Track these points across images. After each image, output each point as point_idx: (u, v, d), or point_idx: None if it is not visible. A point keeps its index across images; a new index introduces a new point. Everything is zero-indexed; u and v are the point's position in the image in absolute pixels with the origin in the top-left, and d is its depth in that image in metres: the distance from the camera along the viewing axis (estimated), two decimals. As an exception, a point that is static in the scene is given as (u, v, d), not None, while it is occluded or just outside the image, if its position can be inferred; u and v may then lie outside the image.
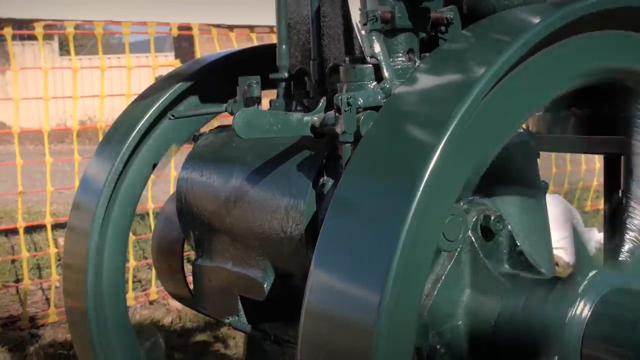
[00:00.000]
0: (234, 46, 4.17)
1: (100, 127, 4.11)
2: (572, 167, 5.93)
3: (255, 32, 4.56)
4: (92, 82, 7.17)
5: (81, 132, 5.51)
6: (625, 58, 1.27)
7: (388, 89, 1.23)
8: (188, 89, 1.83)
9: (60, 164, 4.86)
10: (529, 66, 1.16)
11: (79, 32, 4.28)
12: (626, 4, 1.21)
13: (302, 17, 1.57)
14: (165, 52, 16.87)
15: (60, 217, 4.91)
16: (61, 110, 14.81)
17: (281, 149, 1.43)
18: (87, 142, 10.11)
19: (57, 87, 12.33)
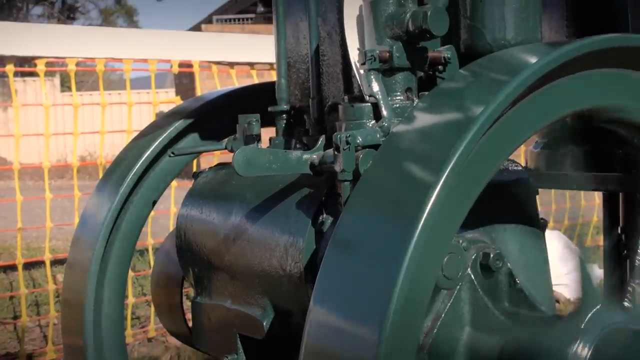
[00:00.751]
0: (235, 83, 4.20)
1: (100, 163, 4.12)
2: (571, 203, 5.94)
3: (256, 69, 4.60)
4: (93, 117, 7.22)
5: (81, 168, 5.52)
6: (623, 97, 1.28)
7: (387, 127, 1.24)
8: (188, 127, 1.84)
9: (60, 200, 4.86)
10: (526, 105, 1.17)
11: (80, 69, 4.31)
12: (621, 43, 1.22)
13: (302, 55, 1.59)
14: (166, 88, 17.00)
15: (60, 253, 4.90)
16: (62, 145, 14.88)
17: (280, 187, 1.43)
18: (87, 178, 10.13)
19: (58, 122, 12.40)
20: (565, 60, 1.16)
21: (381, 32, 1.31)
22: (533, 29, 1.39)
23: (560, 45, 1.19)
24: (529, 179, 1.49)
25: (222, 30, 13.53)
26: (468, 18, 1.39)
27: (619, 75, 1.26)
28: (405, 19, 1.27)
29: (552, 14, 2.06)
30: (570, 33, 2.03)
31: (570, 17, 2.03)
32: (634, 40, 1.24)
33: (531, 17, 1.39)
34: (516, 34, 1.37)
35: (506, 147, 1.17)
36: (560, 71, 1.18)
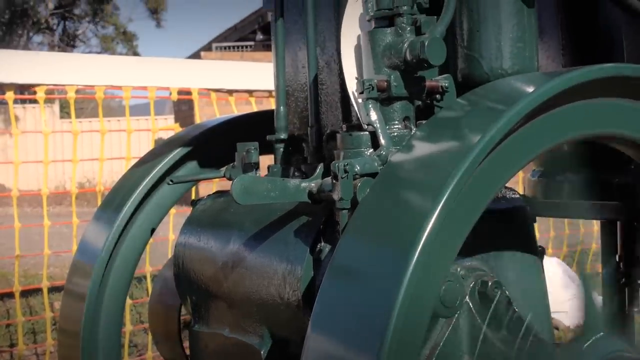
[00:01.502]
0: (234, 110, 4.21)
1: (99, 190, 4.12)
2: (570, 230, 5.93)
3: (255, 96, 4.62)
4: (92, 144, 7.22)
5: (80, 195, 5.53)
6: (619, 125, 1.29)
7: (384, 156, 1.25)
8: (187, 154, 1.85)
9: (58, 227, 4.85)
10: (522, 134, 1.18)
11: (80, 96, 4.33)
12: (616, 73, 1.23)
13: (300, 84, 1.60)
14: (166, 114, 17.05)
15: (58, 280, 4.88)
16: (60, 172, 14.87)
17: (279, 215, 1.44)
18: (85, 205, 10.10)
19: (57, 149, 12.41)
20: (561, 89, 1.17)
21: (379, 61, 1.32)
22: (529, 59, 1.41)
23: (556, 75, 1.20)
24: (526, 207, 1.49)
25: (222, 57, 13.61)
26: (465, 47, 1.40)
27: (614, 104, 1.27)
28: (403, 48, 1.29)
29: (549, 43, 2.07)
30: (567, 62, 2.04)
31: (567, 46, 2.04)
32: (628, 70, 1.25)
33: (527, 46, 1.40)
34: (513, 64, 1.39)
35: (502, 175, 1.18)
36: (556, 100, 1.19)
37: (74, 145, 4.05)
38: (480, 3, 1.38)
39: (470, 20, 1.39)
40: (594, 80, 1.20)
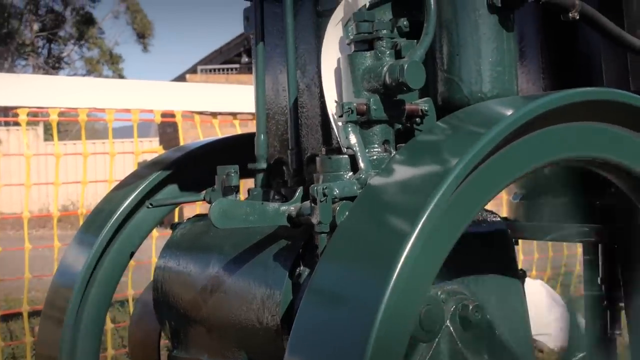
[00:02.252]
0: (218, 132, 4.21)
1: (81, 213, 4.10)
2: (554, 252, 5.95)
3: (239, 118, 4.62)
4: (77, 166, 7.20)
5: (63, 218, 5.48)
6: (597, 149, 1.30)
7: (364, 179, 1.24)
8: (168, 177, 1.84)
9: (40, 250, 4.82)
10: (501, 156, 1.18)
11: (63, 119, 4.32)
12: (594, 97, 1.24)
13: (281, 107, 1.60)
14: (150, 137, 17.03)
15: (39, 304, 4.83)
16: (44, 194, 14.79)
17: (258, 238, 1.43)
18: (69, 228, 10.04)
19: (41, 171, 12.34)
20: (539, 113, 1.17)
21: (359, 84, 1.32)
22: (509, 82, 1.41)
23: (535, 99, 1.20)
24: (506, 230, 1.49)
25: (207, 80, 13.64)
26: (445, 71, 1.40)
27: (593, 128, 1.27)
28: (383, 72, 1.29)
29: (530, 67, 2.09)
30: (547, 85, 2.06)
31: (547, 69, 2.06)
32: (606, 94, 1.26)
33: (507, 70, 1.41)
34: (492, 87, 1.39)
35: (481, 198, 1.18)
36: (534, 123, 1.19)
37: (57, 168, 4.03)
38: (460, 27, 1.38)
39: (449, 44, 1.39)
40: (572, 104, 1.21)
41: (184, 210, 5.84)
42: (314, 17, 1.50)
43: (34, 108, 3.94)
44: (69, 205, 14.61)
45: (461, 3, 1.38)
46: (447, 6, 1.39)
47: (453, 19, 1.39)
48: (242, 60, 16.68)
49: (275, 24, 1.60)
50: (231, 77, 13.99)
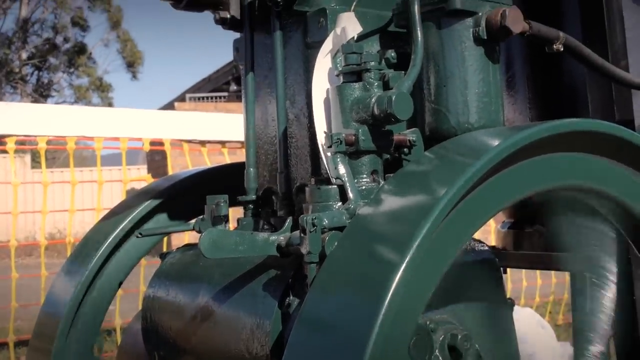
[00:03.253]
0: (206, 160, 4.22)
1: (69, 241, 4.08)
2: (542, 280, 5.96)
3: (227, 147, 4.63)
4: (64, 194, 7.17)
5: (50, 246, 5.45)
6: (583, 178, 1.31)
7: (353, 209, 1.25)
8: (157, 206, 1.84)
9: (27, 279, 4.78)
10: (489, 186, 1.20)
11: (51, 147, 4.32)
12: (579, 128, 1.26)
13: (270, 137, 1.61)
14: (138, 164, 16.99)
15: (25, 334, 4.78)
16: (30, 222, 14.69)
17: (248, 268, 1.43)
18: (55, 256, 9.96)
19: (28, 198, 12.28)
20: (525, 143, 1.19)
21: (347, 115, 1.33)
22: (495, 113, 1.43)
23: (521, 130, 1.22)
24: (494, 259, 1.50)
25: (195, 108, 13.67)
26: (432, 102, 1.42)
27: (578, 158, 1.29)
28: (371, 103, 1.30)
29: (517, 97, 2.12)
30: (534, 115, 2.08)
31: (534, 99, 2.09)
32: (591, 125, 1.28)
33: (493, 101, 1.42)
34: (479, 118, 1.41)
35: (469, 228, 1.19)
36: (521, 154, 1.21)
37: (44, 197, 4.02)
38: (447, 59, 1.40)
39: (437, 76, 1.41)
40: (557, 134, 1.22)
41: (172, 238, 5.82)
42: (303, 48, 1.52)
43: (22, 136, 3.94)
44: (55, 233, 14.52)
45: (448, 35, 1.40)
46: (434, 38, 1.41)
47: (440, 51, 1.41)
48: (230, 89, 16.73)
49: (265, 55, 1.62)
50: (220, 105, 14.02)
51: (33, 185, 13.46)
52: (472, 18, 1.40)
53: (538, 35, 1.48)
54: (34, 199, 12.69)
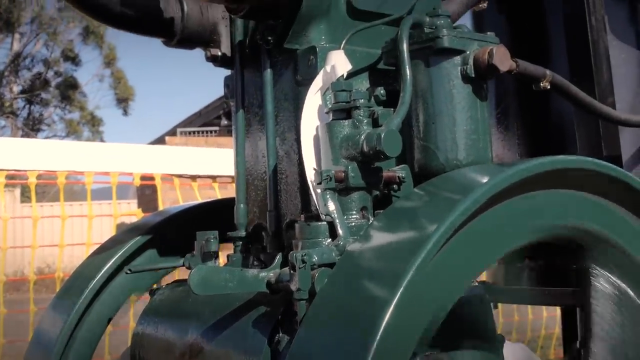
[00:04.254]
0: (197, 194, 4.21)
1: (58, 276, 4.06)
2: (533, 315, 5.94)
3: (218, 181, 4.63)
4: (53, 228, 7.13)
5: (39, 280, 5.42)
6: (571, 216, 1.32)
7: (342, 246, 1.25)
8: (147, 242, 1.84)
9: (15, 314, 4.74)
10: (479, 223, 1.20)
11: (42, 181, 4.31)
12: (566, 165, 1.27)
13: (260, 174, 1.62)
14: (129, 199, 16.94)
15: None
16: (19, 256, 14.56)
17: (237, 304, 1.43)
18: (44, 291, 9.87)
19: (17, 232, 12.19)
20: (514, 181, 1.20)
21: (337, 152, 1.34)
22: (483, 150, 1.44)
23: (509, 167, 1.23)
24: (485, 295, 1.50)
25: (186, 142, 13.69)
26: (421, 139, 1.43)
27: (567, 195, 1.30)
28: (360, 140, 1.31)
29: (506, 133, 2.14)
30: (523, 151, 2.10)
31: (522, 136, 2.11)
32: (578, 163, 1.29)
33: (481, 138, 1.44)
34: (467, 155, 1.42)
35: (460, 264, 1.19)
36: (509, 190, 1.22)
37: (34, 232, 4.00)
38: (435, 96, 1.42)
39: (425, 113, 1.42)
40: (544, 172, 1.23)
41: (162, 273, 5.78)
42: (293, 85, 1.53)
43: (12, 171, 3.93)
44: (44, 268, 14.41)
45: (436, 73, 1.42)
46: (422, 76, 1.43)
47: (428, 88, 1.42)
48: (221, 123, 16.79)
49: (256, 92, 1.63)
50: (210, 140, 14.05)
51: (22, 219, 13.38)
52: (460, 56, 1.42)
53: (525, 73, 1.50)
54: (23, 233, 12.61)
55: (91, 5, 1.50)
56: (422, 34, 1.42)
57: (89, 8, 1.51)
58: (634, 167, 1.89)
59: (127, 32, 1.59)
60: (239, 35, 1.65)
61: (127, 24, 1.56)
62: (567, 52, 1.93)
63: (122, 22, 1.55)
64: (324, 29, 1.51)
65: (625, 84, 1.91)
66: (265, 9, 1.47)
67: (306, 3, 1.47)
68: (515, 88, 2.08)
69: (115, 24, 1.56)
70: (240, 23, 1.64)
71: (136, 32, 1.60)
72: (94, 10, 1.52)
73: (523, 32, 2.08)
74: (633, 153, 1.89)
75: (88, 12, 1.53)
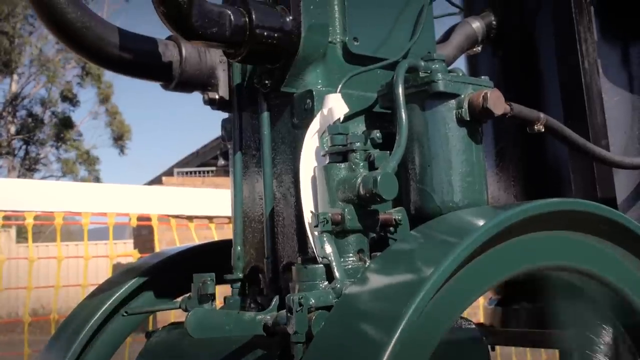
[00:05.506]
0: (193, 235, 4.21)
1: (53, 318, 4.03)
2: (532, 357, 5.90)
3: (215, 222, 4.63)
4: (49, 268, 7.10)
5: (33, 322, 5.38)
6: (568, 258, 1.33)
7: (339, 289, 1.26)
8: (144, 284, 1.83)
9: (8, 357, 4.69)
10: (476, 265, 1.21)
11: (38, 222, 4.30)
12: (561, 208, 1.28)
13: (257, 216, 1.63)
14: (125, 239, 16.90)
15: (4, 414, 4.67)
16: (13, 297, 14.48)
17: (234, 347, 1.42)
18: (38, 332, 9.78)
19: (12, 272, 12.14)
20: (509, 224, 1.21)
21: (334, 195, 1.35)
22: (479, 192, 1.45)
23: (505, 210, 1.24)
24: (482, 337, 1.50)
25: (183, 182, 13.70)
26: (417, 182, 1.44)
27: (563, 237, 1.31)
28: (357, 183, 1.32)
29: (501, 175, 2.15)
30: (518, 193, 2.11)
31: (518, 177, 2.12)
32: (573, 205, 1.30)
33: (477, 180, 1.45)
34: (463, 197, 1.43)
35: (457, 307, 1.19)
36: (506, 233, 1.22)
37: (29, 273, 3.99)
38: (431, 139, 1.43)
39: (421, 156, 1.44)
40: (539, 214, 1.24)
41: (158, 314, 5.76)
42: (290, 128, 1.54)
43: (8, 212, 3.93)
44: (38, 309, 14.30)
45: (431, 117, 1.43)
46: (418, 119, 1.44)
47: (424, 131, 1.44)
48: (218, 163, 16.83)
49: (253, 135, 1.65)
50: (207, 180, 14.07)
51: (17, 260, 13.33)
52: (455, 100, 1.43)
53: (519, 116, 1.51)
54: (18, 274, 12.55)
55: (89, 48, 1.52)
56: (417, 77, 1.44)
57: (87, 51, 1.53)
58: (628, 209, 1.90)
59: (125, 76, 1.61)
60: (236, 78, 1.67)
61: (125, 68, 1.58)
62: (560, 95, 1.95)
63: (120, 65, 1.57)
64: (320, 73, 1.53)
65: (618, 126, 1.93)
66: (262, 54, 1.49)
67: (303, 48, 1.49)
68: (511, 129, 2.10)
69: (113, 67, 1.58)
70: (238, 67, 1.66)
71: (134, 75, 1.62)
72: (92, 53, 1.53)
73: (517, 75, 2.10)
74: (627, 195, 1.91)
75: (86, 55, 1.54)
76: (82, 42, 1.50)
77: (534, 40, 2.07)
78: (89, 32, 1.49)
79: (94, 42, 1.50)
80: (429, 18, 1.70)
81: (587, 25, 1.92)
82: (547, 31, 2.01)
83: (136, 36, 1.60)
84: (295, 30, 1.48)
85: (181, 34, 1.42)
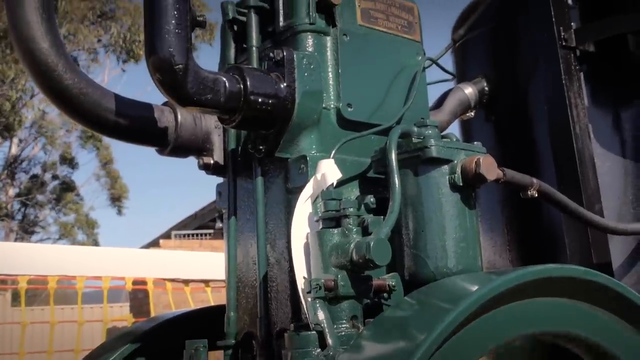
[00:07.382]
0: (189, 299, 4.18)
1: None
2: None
3: (211, 285, 4.60)
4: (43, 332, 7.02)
5: (25, 388, 5.30)
6: (561, 324, 1.32)
7: (332, 356, 1.24)
8: (137, 349, 1.81)
9: None
10: (469, 332, 1.20)
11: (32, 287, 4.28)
12: (555, 274, 1.27)
13: (251, 281, 1.62)
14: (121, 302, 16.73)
15: None
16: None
17: (226, 416, 1.40)
18: (30, 398, 9.61)
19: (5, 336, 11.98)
20: (502, 290, 1.20)
21: (327, 261, 1.34)
22: (473, 257, 1.45)
23: (498, 276, 1.24)
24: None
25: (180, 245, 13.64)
26: (411, 247, 1.44)
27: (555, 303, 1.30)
28: (350, 249, 1.32)
29: (496, 240, 2.15)
30: (513, 257, 2.10)
31: (512, 242, 2.12)
32: (567, 271, 1.30)
33: (470, 246, 1.44)
34: (457, 262, 1.42)
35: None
36: (499, 299, 1.22)
37: (22, 337, 3.95)
38: (424, 205, 1.43)
39: (415, 221, 1.44)
40: (533, 280, 1.24)
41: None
42: (284, 193, 1.55)
43: (2, 276, 3.91)
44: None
45: (425, 182, 1.44)
46: (411, 185, 1.45)
47: (417, 197, 1.44)
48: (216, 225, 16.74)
49: (247, 200, 1.65)
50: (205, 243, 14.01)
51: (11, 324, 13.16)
52: (448, 165, 1.44)
53: (512, 182, 1.52)
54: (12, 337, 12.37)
55: (85, 115, 1.53)
56: (410, 143, 1.45)
57: (84, 118, 1.55)
58: (624, 274, 1.89)
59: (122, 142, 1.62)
60: (231, 143, 1.68)
61: (121, 134, 1.60)
62: (553, 160, 1.96)
63: (116, 131, 1.58)
64: (314, 139, 1.55)
65: (611, 191, 1.93)
66: (257, 120, 1.51)
67: (297, 114, 1.51)
68: (505, 194, 2.10)
69: (109, 133, 1.59)
70: (233, 132, 1.67)
71: (130, 141, 1.63)
72: (89, 120, 1.55)
73: (510, 140, 2.12)
74: (623, 260, 1.90)
75: (83, 121, 1.56)
76: (78, 108, 1.52)
77: (526, 106, 2.09)
78: (85, 98, 1.51)
79: (90, 108, 1.52)
80: (422, 84, 1.72)
81: (577, 91, 1.95)
82: (538, 97, 2.04)
83: (133, 102, 1.62)
84: (290, 96, 1.50)
85: (176, 101, 1.44)
